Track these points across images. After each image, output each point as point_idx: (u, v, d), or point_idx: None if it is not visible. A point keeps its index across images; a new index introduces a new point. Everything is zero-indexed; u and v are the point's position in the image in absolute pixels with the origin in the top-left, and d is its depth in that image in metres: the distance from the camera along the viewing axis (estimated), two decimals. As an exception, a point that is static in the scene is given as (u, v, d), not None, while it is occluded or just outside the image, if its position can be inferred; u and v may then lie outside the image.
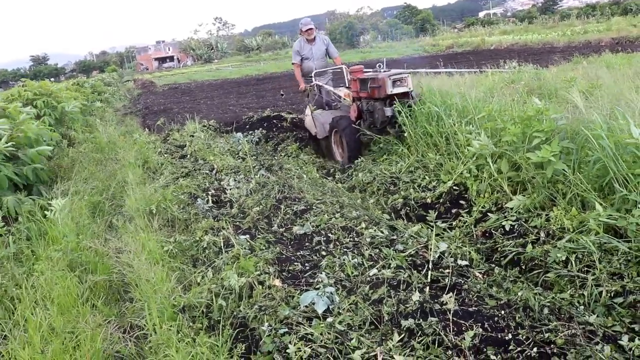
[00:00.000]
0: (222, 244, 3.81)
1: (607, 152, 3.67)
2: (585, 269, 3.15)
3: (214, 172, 6.06)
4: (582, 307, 2.89)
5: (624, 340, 2.49)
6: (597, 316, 2.76)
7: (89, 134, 9.08)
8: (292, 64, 8.66)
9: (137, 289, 3.27)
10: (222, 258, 3.59)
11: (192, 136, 8.57)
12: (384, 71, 6.36)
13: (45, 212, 4.42)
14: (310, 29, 8.36)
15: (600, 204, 3.53)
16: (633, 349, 2.42)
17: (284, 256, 3.59)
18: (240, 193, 5.03)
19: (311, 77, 8.13)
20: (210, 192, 5.19)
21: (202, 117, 10.75)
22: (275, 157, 6.89)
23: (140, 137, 8.50)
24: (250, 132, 8.69)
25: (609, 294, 2.89)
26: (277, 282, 3.20)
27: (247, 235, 4.00)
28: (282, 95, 13.71)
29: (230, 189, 5.21)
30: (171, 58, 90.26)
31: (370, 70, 6.80)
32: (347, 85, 7.51)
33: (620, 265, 3.04)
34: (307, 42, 8.37)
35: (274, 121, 9.01)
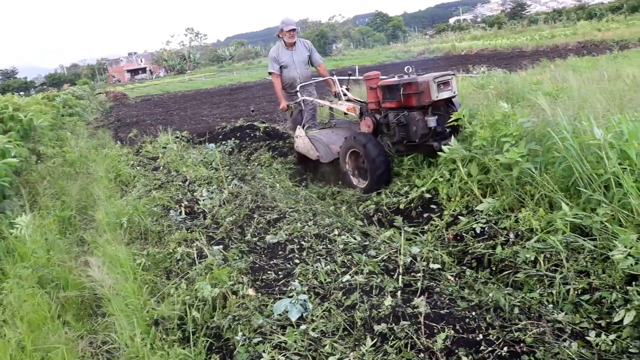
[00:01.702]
0: (195, 255, 3.80)
1: (571, 153, 3.76)
2: (554, 268, 3.21)
3: (187, 183, 6.04)
4: (551, 305, 2.95)
5: (591, 336, 2.56)
6: (565, 314, 2.82)
7: (60, 149, 8.97)
8: (270, 73, 7.36)
9: (109, 304, 3.24)
10: (195, 269, 3.58)
11: (165, 148, 8.53)
12: (418, 74, 5.27)
13: (11, 230, 4.35)
14: (294, 30, 7.23)
15: (567, 204, 3.61)
16: (599, 344, 2.49)
17: (257, 265, 3.59)
18: (213, 203, 5.02)
19: (296, 90, 6.99)
20: (183, 204, 5.16)
21: (175, 129, 10.71)
22: (249, 167, 6.87)
23: (112, 150, 8.44)
24: (224, 142, 8.67)
25: (576, 292, 2.95)
26: (251, 292, 3.21)
27: (221, 246, 3.99)
28: (253, 111, 12.83)
29: (203, 200, 5.20)
30: (143, 70, 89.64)
31: (386, 76, 5.79)
32: (346, 97, 6.52)
33: (587, 263, 3.11)
34: (286, 46, 7.19)
35: (247, 131, 9.00)
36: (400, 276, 3.20)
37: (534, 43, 31.85)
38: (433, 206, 4.65)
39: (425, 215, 4.60)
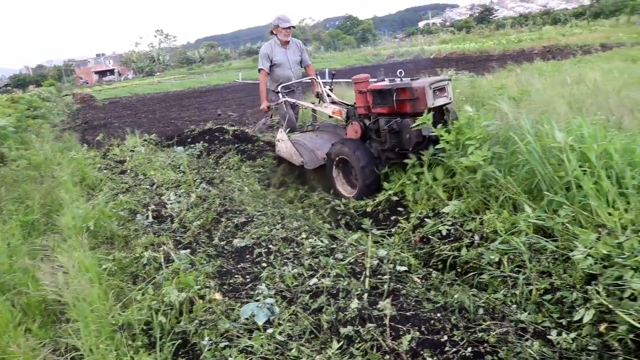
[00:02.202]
0: (162, 260, 3.76)
1: (534, 156, 3.84)
2: (517, 268, 3.27)
3: (155, 186, 5.98)
4: (514, 305, 3.01)
5: (553, 335, 2.62)
6: (528, 313, 2.88)
7: (24, 151, 8.79)
8: (259, 70, 6.93)
9: (74, 310, 3.19)
10: (162, 274, 3.54)
11: (133, 151, 8.42)
12: (412, 79, 4.97)
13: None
14: (291, 27, 6.89)
15: (530, 206, 3.69)
16: (560, 342, 2.55)
17: (224, 269, 3.58)
18: (181, 207, 4.98)
19: (289, 90, 6.78)
20: (150, 208, 5.11)
21: (143, 131, 10.58)
22: (217, 170, 6.83)
23: (78, 153, 8.29)
24: (192, 145, 8.61)
25: (538, 292, 3.01)
26: (218, 296, 3.19)
27: (188, 250, 3.97)
28: (220, 115, 12.66)
29: (170, 204, 5.15)
30: (112, 71, 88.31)
31: (375, 79, 5.54)
32: (330, 99, 6.29)
33: (549, 264, 3.18)
34: (281, 44, 6.88)
35: (216, 134, 8.95)
36: (367, 279, 3.23)
37: (501, 47, 32.44)
38: (400, 209, 4.69)
39: (392, 218, 4.64)
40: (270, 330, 2.74)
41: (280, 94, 6.67)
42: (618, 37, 26.86)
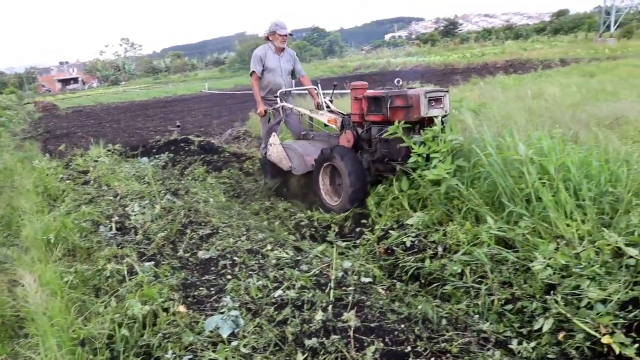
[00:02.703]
0: (125, 272, 3.71)
1: (496, 168, 3.92)
2: (479, 279, 3.34)
3: (118, 197, 5.89)
4: (477, 315, 3.06)
5: (514, 344, 2.67)
6: (490, 323, 2.93)
7: (-18, 161, 8.58)
8: (251, 73, 6.70)
9: (33, 324, 3.12)
10: (125, 286, 3.49)
11: (96, 161, 8.28)
12: (409, 88, 4.93)
13: None
14: (288, 35, 6.69)
15: (492, 218, 3.76)
16: (521, 351, 2.60)
17: (189, 281, 3.55)
18: (145, 219, 4.92)
19: (276, 96, 6.49)
20: (114, 219, 5.03)
21: (108, 141, 10.42)
22: (182, 181, 6.78)
23: (40, 163, 8.12)
24: (157, 156, 8.53)
25: (500, 302, 3.08)
26: (182, 308, 3.16)
27: (152, 262, 3.92)
28: (179, 126, 12.42)
29: (134, 215, 5.08)
30: (75, 80, 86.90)
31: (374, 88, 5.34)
32: (327, 108, 6.17)
33: (510, 274, 3.25)
34: (275, 51, 6.69)
35: (182, 144, 8.89)
36: (332, 290, 3.24)
37: (465, 60, 33.02)
38: (365, 221, 4.73)
39: (357, 229, 4.68)
40: (234, 343, 2.72)
41: (279, 99, 6.44)
42: (576, 52, 27.69)
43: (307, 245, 4.38)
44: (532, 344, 2.64)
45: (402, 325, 2.81)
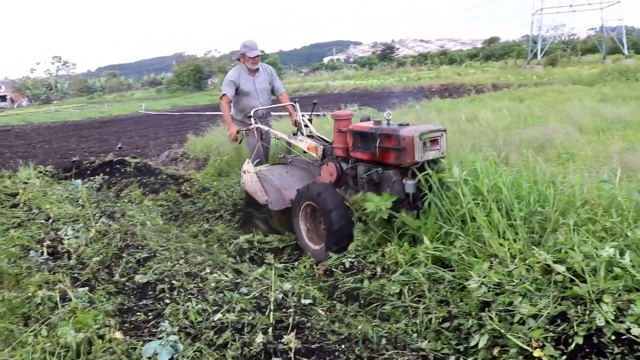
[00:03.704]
0: (58, 299, 3.57)
1: (433, 190, 4.04)
2: (417, 298, 3.41)
3: (51, 221, 5.68)
4: (415, 334, 3.12)
5: (451, 361, 2.74)
6: (428, 341, 3.00)
7: None
8: (222, 96, 6.30)
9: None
10: (58, 313, 3.36)
11: (26, 183, 7.96)
12: (401, 124, 4.30)
13: None
14: (259, 56, 6.35)
15: (428, 238, 3.86)
16: (458, 368, 2.67)
17: (126, 307, 3.45)
18: (79, 243, 4.76)
19: (250, 116, 6.02)
20: (45, 243, 4.84)
21: (38, 163, 10.07)
22: (118, 204, 6.61)
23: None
24: (92, 177, 8.28)
25: (437, 320, 3.15)
26: (119, 335, 3.07)
27: (87, 287, 3.79)
28: (120, 148, 12.04)
29: (68, 239, 4.91)
30: (3, 98, 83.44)
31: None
32: (308, 131, 5.73)
33: (447, 293, 3.35)
34: (249, 72, 6.36)
35: (117, 166, 8.68)
36: (272, 313, 3.23)
37: (402, 84, 33.83)
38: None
39: (297, 252, 4.69)
40: (173, 369, 2.67)
41: (252, 119, 6.01)
42: (507, 78, 28.86)
43: (247, 268, 4.35)
44: (469, 359, 2.72)
45: (343, 346, 2.83)
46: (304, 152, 5.59)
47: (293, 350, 2.69)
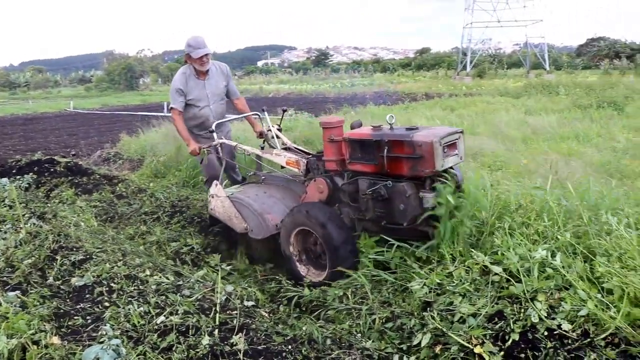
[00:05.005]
0: (-15, 303, 3.41)
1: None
2: (361, 300, 3.48)
3: (-26, 222, 5.40)
4: (360, 334, 3.18)
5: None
6: (372, 341, 3.06)
7: None
8: (171, 109, 5.57)
9: None
10: (-14, 319, 3.21)
11: (-57, 183, 7.54)
12: (409, 129, 3.69)
13: None
14: (207, 55, 5.40)
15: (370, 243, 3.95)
16: (402, 366, 2.76)
17: (62, 311, 3.33)
18: (7, 244, 4.54)
19: (208, 131, 5.25)
20: (-31, 245, 4.61)
21: (-44, 161, 9.54)
22: (49, 204, 6.35)
23: None
24: (19, 177, 7.91)
25: (381, 320, 3.23)
26: (56, 340, 2.96)
27: (18, 291, 3.63)
28: (74, 154, 10.98)
29: (-6, 241, 4.69)
30: None
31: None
32: (282, 143, 5.12)
33: (389, 294, 3.43)
34: (197, 75, 5.51)
35: (46, 165, 8.33)
36: (217, 314, 3.21)
37: (336, 90, 34.18)
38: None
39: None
40: (116, 373, 2.61)
41: (215, 134, 5.16)
42: (438, 88, 29.75)
43: (188, 270, 4.29)
44: (412, 358, 2.81)
45: (289, 347, 2.84)
46: (282, 167, 4.90)
47: (242, 352, 2.68)
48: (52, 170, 8.13)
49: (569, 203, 3.68)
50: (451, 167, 3.66)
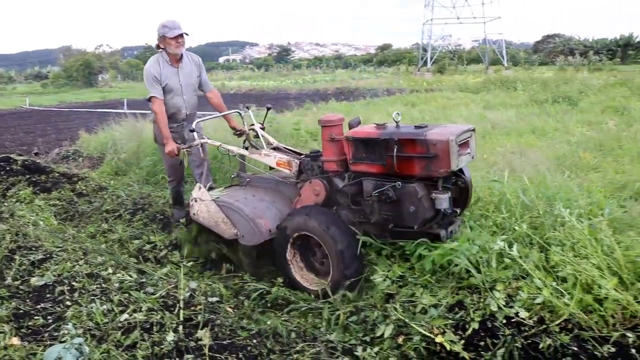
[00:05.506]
0: (-60, 306, 3.33)
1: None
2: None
3: None
4: (324, 328, 3.24)
5: (359, 351, 2.89)
6: (336, 334, 3.13)
7: None
8: (150, 98, 4.99)
9: None
10: (-59, 321, 3.14)
11: None
12: (418, 127, 3.48)
13: None
14: (182, 35, 4.92)
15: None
16: (366, 357, 2.83)
17: (22, 311, 3.27)
18: (-38, 245, 4.44)
19: (179, 124, 5.07)
20: None
21: None
22: (5, 204, 6.20)
23: None
24: (-28, 176, 7.70)
25: (345, 315, 3.29)
26: (16, 341, 2.91)
27: (-26, 292, 3.56)
28: (37, 154, 10.61)
29: (-52, 242, 4.56)
30: None
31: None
32: (269, 143, 4.65)
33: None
34: (171, 62, 5.04)
35: (2, 164, 8.11)
36: (181, 310, 3.20)
37: (298, 86, 34.15)
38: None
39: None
40: (80, 372, 2.59)
41: (196, 133, 4.71)
42: (399, 83, 30.01)
43: (151, 268, 4.26)
44: (376, 349, 2.87)
45: (254, 341, 2.87)
46: (270, 168, 4.64)
47: (207, 347, 2.69)
48: (8, 168, 7.93)
49: (525, 196, 3.78)
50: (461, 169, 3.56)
